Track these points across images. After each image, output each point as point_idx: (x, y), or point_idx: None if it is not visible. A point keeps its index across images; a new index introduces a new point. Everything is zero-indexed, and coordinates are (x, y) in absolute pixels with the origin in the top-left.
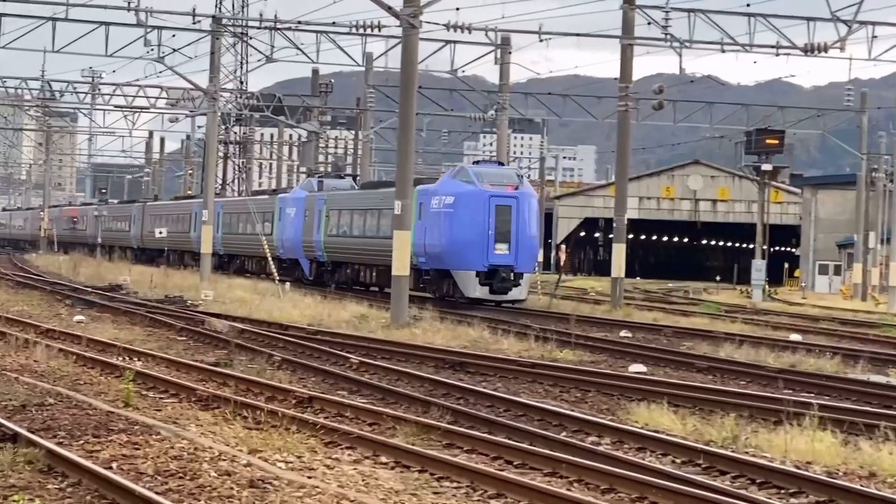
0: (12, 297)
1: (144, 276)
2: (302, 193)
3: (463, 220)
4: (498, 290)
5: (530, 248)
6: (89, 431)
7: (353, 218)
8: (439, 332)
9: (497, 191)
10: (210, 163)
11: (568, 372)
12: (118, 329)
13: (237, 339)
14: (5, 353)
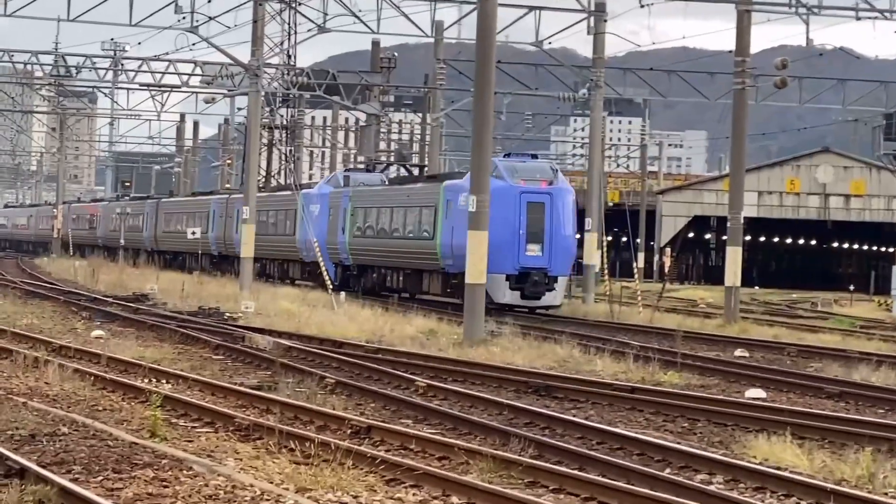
0: (20, 309)
1: (174, 283)
2: (326, 189)
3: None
4: (530, 295)
5: (566, 248)
6: (109, 466)
7: (380, 217)
8: (521, 351)
9: (529, 186)
10: (252, 151)
11: (673, 398)
12: (143, 346)
13: (283, 358)
14: (12, 374)
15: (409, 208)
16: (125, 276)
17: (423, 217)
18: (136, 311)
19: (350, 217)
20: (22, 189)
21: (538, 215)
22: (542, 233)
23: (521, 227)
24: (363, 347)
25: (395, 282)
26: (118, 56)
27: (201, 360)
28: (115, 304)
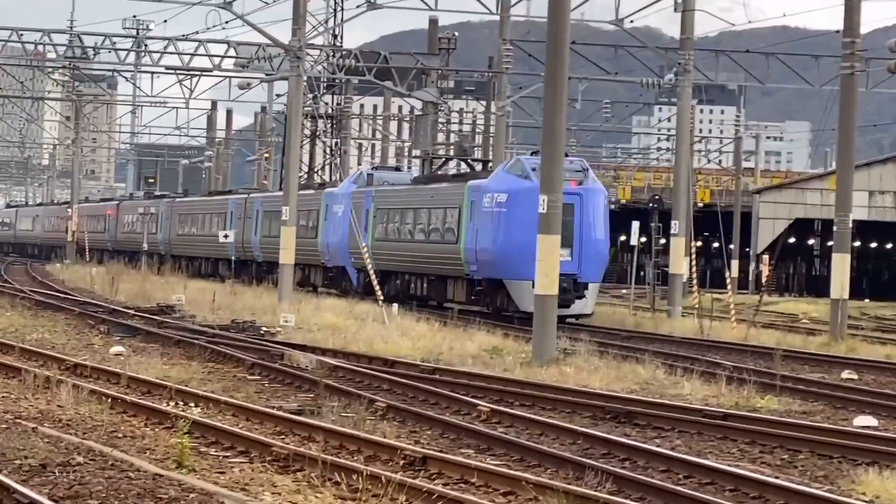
0: (30, 322)
1: (204, 294)
2: (349, 188)
3: (517, 222)
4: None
5: (596, 253)
6: (130, 500)
7: (403, 218)
8: (597, 371)
9: None
10: (292, 143)
11: (771, 426)
12: (169, 364)
13: (327, 378)
14: (20, 396)
15: (432, 210)
16: (148, 285)
17: (447, 219)
18: (161, 325)
19: (373, 219)
20: (32, 186)
21: (567, 217)
22: (572, 237)
23: None
24: (418, 367)
25: (420, 289)
26: (141, 35)
27: (234, 381)
28: (137, 317)
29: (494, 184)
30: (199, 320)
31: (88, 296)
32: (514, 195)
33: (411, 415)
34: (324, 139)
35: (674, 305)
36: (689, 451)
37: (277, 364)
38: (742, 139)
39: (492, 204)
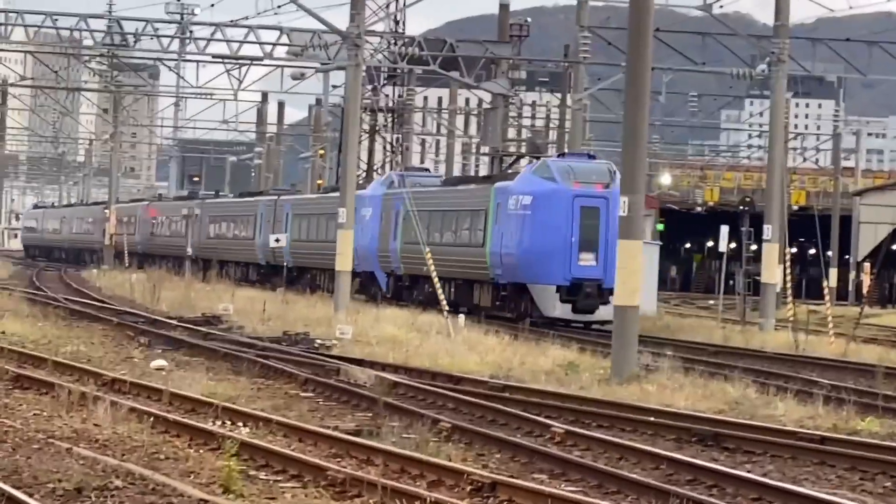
0: (65, 333)
1: (253, 303)
2: (379, 190)
3: (541, 225)
4: (582, 309)
5: None
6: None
7: (431, 221)
8: (682, 390)
9: (583, 189)
10: (350, 139)
11: (872, 450)
12: (215, 380)
13: (387, 396)
14: (53, 414)
15: (460, 212)
16: (193, 292)
17: (474, 222)
18: (206, 337)
19: (403, 221)
20: (66, 184)
21: (593, 221)
22: (597, 241)
23: (574, 234)
24: (486, 384)
25: (448, 293)
26: (185, 21)
27: (286, 399)
28: (180, 328)
29: (519, 186)
30: (247, 332)
31: (127, 305)
32: (539, 197)
33: (479, 436)
34: (384, 135)
35: (766, 318)
36: (783, 478)
37: (333, 380)
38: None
39: (517, 207)
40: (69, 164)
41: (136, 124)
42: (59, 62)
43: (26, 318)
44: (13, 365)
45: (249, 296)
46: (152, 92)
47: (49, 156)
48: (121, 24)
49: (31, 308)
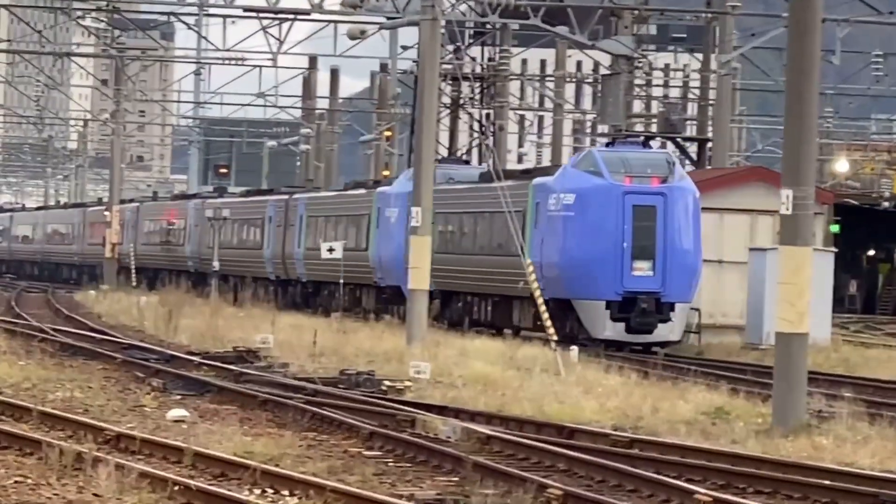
0: (53, 374)
1: (301, 332)
2: (406, 187)
3: (586, 229)
4: (637, 328)
5: (685, 266)
6: None
7: (462, 225)
8: (867, 444)
9: (636, 185)
10: (426, 116)
11: None
12: (252, 435)
13: (477, 454)
14: (40, 481)
15: (494, 214)
16: (221, 320)
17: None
18: (240, 378)
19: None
20: (54, 179)
21: (648, 223)
22: (654, 247)
23: (626, 238)
24: (608, 438)
25: (483, 312)
26: None
27: (345, 458)
28: (206, 367)
29: (560, 182)
30: (293, 371)
31: (134, 335)
32: (583, 195)
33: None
34: (469, 110)
35: None
36: None
37: (406, 434)
38: None
39: (557, 206)
40: (58, 151)
41: (145, 99)
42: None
43: (3, 356)
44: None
45: (295, 323)
46: (166, 57)
47: (31, 141)
48: None
49: (10, 342)
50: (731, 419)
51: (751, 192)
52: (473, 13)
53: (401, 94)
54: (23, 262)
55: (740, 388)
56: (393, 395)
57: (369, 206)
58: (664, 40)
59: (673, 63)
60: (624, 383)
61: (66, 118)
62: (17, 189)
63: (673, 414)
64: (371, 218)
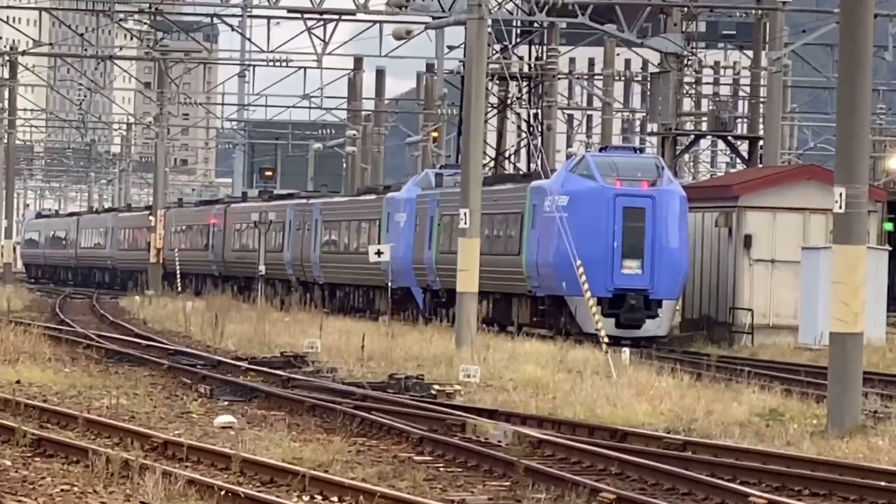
0: (99, 381)
1: (348, 336)
2: (414, 192)
3: (579, 229)
4: (626, 323)
5: (672, 265)
6: None
7: None
8: None
9: (626, 188)
10: (474, 116)
11: None
12: (300, 441)
13: (528, 458)
14: (86, 489)
15: (495, 216)
16: (268, 325)
17: (509, 227)
18: (288, 384)
19: (437, 227)
20: (98, 183)
21: (637, 224)
22: (643, 246)
23: (616, 238)
24: (661, 441)
25: (487, 309)
26: None
27: (395, 464)
28: (253, 373)
29: (555, 185)
30: (342, 376)
31: (181, 341)
32: (576, 197)
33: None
34: (517, 110)
35: None
36: None
37: (457, 438)
38: None
39: (552, 208)
40: (101, 156)
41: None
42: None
43: (49, 363)
44: (33, 425)
45: (343, 327)
46: (209, 59)
47: (74, 146)
48: None
49: (55, 349)
50: (786, 420)
51: (803, 191)
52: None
53: (447, 95)
54: (57, 268)
55: (794, 389)
56: (442, 400)
57: (379, 211)
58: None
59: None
60: (677, 385)
61: (109, 122)
62: (60, 194)
63: (726, 416)
64: (381, 222)
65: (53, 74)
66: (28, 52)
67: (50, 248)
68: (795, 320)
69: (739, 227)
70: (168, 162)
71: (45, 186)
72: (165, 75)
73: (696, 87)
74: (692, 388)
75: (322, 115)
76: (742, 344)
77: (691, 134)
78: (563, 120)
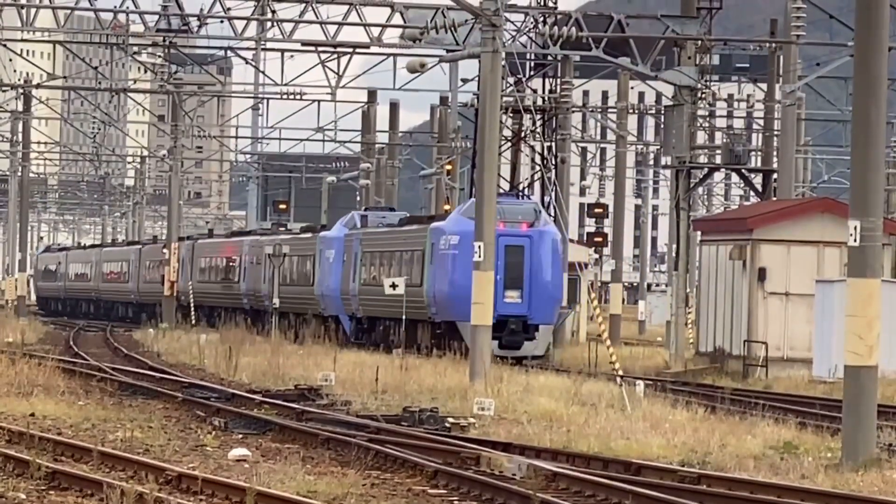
0: (113, 414)
1: (362, 369)
2: (342, 231)
3: (468, 264)
4: (508, 345)
5: (547, 295)
6: None
7: (382, 262)
8: None
9: (507, 229)
10: (488, 149)
11: None
12: (314, 474)
13: (543, 491)
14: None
15: (403, 253)
16: (282, 357)
17: (415, 262)
18: (302, 417)
19: (359, 263)
20: (112, 216)
21: (517, 259)
22: (521, 278)
23: (499, 272)
24: (676, 474)
25: (397, 334)
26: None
27: (410, 497)
28: (267, 405)
29: (449, 226)
30: (356, 408)
31: (195, 374)
32: (465, 237)
33: None
34: (531, 143)
35: None
36: None
37: (471, 471)
38: None
39: (446, 246)
40: (115, 189)
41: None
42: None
43: (63, 396)
44: (47, 458)
45: (356, 360)
46: (223, 92)
47: (88, 178)
48: (180, 3)
49: (69, 381)
50: (800, 454)
51: (817, 224)
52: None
53: (461, 128)
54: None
55: (809, 422)
56: (457, 433)
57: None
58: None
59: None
60: (691, 418)
61: (123, 155)
62: (74, 227)
63: (741, 449)
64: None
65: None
66: (42, 85)
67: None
68: (810, 353)
69: (754, 260)
70: (182, 195)
71: (59, 219)
72: (179, 108)
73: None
74: (706, 421)
75: (336, 147)
76: (756, 377)
77: (705, 167)
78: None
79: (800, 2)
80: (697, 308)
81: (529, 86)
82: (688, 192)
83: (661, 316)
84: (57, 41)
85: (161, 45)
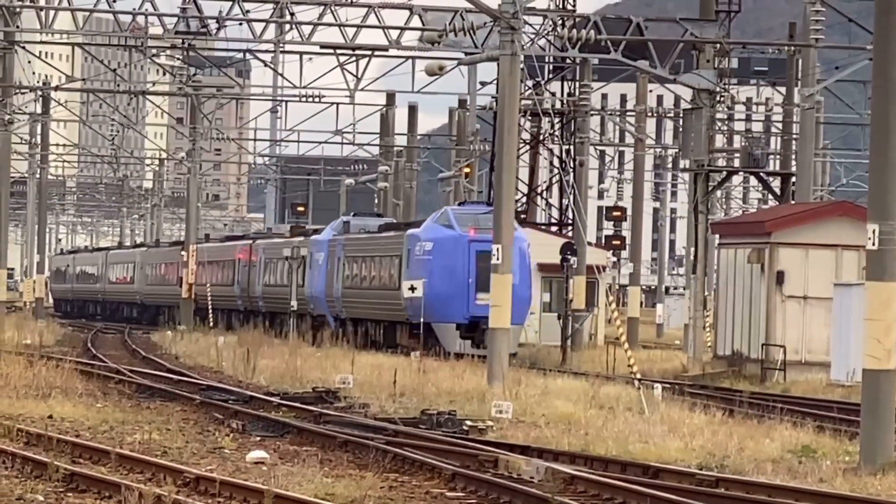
0: (131, 416)
1: (380, 372)
2: (329, 235)
3: (441, 269)
4: (480, 344)
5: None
6: None
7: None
8: None
9: (479, 235)
10: (506, 152)
11: None
12: (332, 477)
13: (561, 494)
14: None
15: (382, 258)
16: (300, 360)
17: (392, 267)
18: (320, 419)
19: (343, 266)
20: (130, 218)
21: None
22: None
23: (471, 275)
24: (693, 477)
25: (378, 335)
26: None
27: (427, 499)
28: (285, 408)
29: (423, 233)
30: (374, 411)
31: (212, 376)
32: (438, 243)
33: None
34: (550, 146)
35: None
36: None
37: (489, 474)
38: None
39: (421, 252)
40: (133, 191)
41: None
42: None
43: (81, 398)
44: (65, 460)
45: (374, 362)
46: (242, 95)
47: (106, 181)
48: (199, 5)
49: (87, 384)
50: (818, 457)
51: (836, 227)
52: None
53: (480, 131)
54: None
55: (827, 425)
56: (475, 435)
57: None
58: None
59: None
60: (709, 422)
61: (142, 157)
62: (93, 229)
63: (759, 452)
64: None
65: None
66: (61, 88)
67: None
68: (828, 357)
69: (772, 263)
70: (200, 197)
71: (77, 221)
72: (198, 110)
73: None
74: (724, 424)
75: (354, 150)
76: (774, 380)
77: (723, 170)
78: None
79: (819, 5)
80: (715, 311)
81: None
82: (706, 196)
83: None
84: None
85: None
